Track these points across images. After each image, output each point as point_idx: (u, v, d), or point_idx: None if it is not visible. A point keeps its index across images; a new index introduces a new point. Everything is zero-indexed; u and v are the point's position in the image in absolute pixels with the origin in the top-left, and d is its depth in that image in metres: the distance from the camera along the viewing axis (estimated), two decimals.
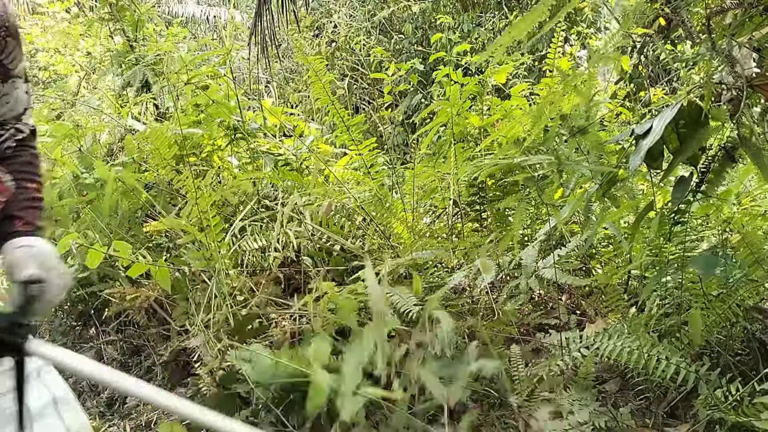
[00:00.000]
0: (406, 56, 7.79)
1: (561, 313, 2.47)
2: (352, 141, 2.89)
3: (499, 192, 2.97)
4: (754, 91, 1.60)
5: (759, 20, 1.69)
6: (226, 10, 10.66)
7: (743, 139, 1.62)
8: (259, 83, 7.99)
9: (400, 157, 6.28)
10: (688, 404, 1.86)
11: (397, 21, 8.45)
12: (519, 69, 4.88)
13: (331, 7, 8.85)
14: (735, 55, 1.65)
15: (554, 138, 2.24)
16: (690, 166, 1.74)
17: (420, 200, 2.96)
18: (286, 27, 3.78)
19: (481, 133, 3.04)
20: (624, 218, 2.66)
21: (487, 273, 2.08)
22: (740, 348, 1.98)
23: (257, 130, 3.24)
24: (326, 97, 2.83)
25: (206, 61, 3.50)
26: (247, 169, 3.25)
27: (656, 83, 5.86)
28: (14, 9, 1.22)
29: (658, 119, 1.63)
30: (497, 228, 2.87)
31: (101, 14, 4.24)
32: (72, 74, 7.68)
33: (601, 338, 1.90)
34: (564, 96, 2.07)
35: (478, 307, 2.54)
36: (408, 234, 2.73)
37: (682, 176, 1.75)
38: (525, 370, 2.00)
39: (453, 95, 2.86)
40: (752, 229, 1.96)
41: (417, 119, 5.95)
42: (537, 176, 2.38)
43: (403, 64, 4.75)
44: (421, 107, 6.79)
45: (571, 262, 2.54)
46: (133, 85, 4.01)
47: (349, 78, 7.84)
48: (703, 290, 1.89)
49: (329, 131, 5.48)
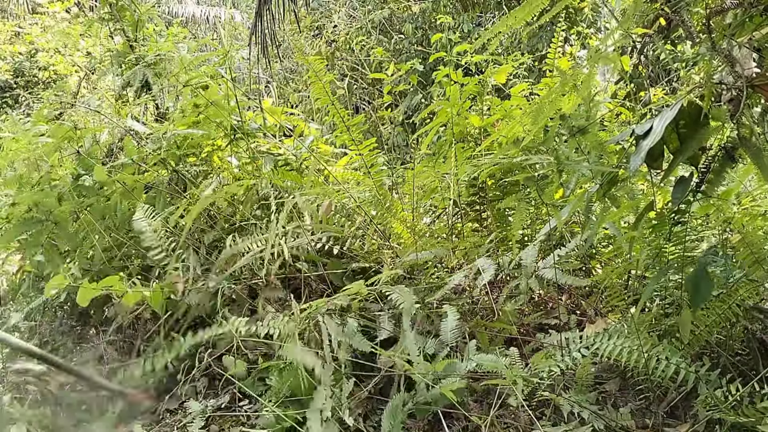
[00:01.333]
0: (406, 56, 7.79)
1: (561, 313, 2.47)
2: (352, 141, 2.89)
3: (499, 192, 2.97)
4: (754, 91, 1.60)
5: (759, 20, 1.69)
6: (226, 10, 10.66)
7: (743, 139, 1.62)
8: (259, 83, 7.99)
9: (400, 157, 6.28)
10: (688, 404, 1.86)
11: (397, 21, 8.44)
12: (519, 69, 4.87)
13: (331, 7, 8.85)
14: (735, 55, 1.65)
15: (554, 138, 2.24)
16: (690, 166, 1.74)
17: (420, 200, 2.96)
18: (286, 27, 3.77)
19: (481, 133, 3.04)
20: (624, 218, 2.66)
21: (487, 273, 2.08)
22: (740, 348, 1.98)
23: (257, 130, 3.24)
24: (326, 97, 2.83)
25: (206, 62, 3.49)
26: (247, 169, 3.24)
27: (656, 83, 5.86)
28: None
29: (658, 119, 1.63)
30: (497, 228, 2.87)
31: (101, 14, 4.23)
32: (72, 74, 7.68)
33: (601, 338, 1.90)
34: (564, 96, 2.07)
35: (478, 307, 2.54)
36: (408, 234, 2.73)
37: (682, 176, 1.75)
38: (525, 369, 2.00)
39: (453, 95, 2.86)
40: (752, 229, 1.95)
41: (417, 119, 5.94)
42: (537, 176, 2.38)
43: (403, 64, 4.75)
44: (421, 107, 6.78)
45: (571, 262, 2.54)
46: (133, 85, 4.01)
47: (349, 78, 7.84)
48: None
49: (329, 131, 5.48)
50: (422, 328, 2.33)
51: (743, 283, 1.83)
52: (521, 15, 1.67)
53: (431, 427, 2.00)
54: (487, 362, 1.93)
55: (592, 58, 1.93)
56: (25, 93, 9.56)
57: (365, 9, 8.47)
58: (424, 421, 2.00)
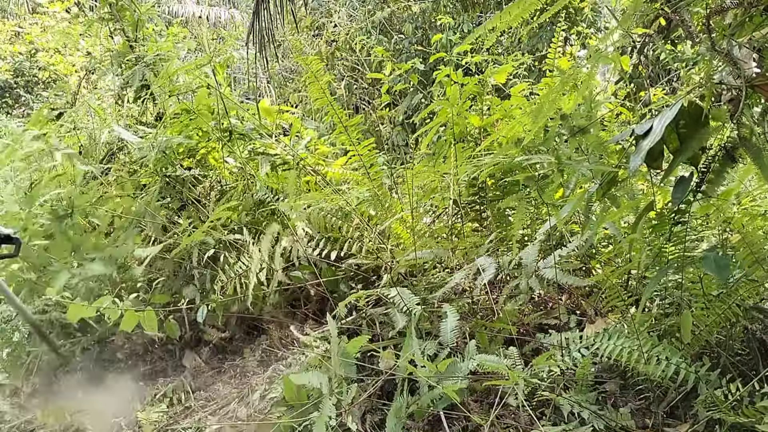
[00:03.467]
0: (406, 56, 7.78)
1: (561, 313, 2.47)
2: (351, 141, 2.89)
3: (499, 192, 2.97)
4: (754, 91, 1.59)
5: (759, 20, 1.68)
6: (226, 10, 10.65)
7: (743, 139, 1.61)
8: (258, 83, 7.99)
9: (400, 157, 6.27)
10: (688, 404, 1.86)
11: (397, 21, 8.43)
12: (519, 69, 4.87)
13: (331, 7, 8.84)
14: (735, 55, 1.65)
15: (554, 138, 2.23)
16: (690, 166, 1.74)
17: (420, 200, 2.96)
18: (284, 26, 3.76)
19: (481, 133, 3.03)
20: (624, 218, 2.66)
21: (488, 272, 2.08)
22: (740, 348, 1.98)
23: (252, 130, 3.24)
24: (324, 97, 2.82)
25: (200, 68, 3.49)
26: (243, 171, 3.24)
27: (656, 83, 5.85)
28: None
29: (658, 119, 1.62)
30: (497, 228, 2.87)
31: (101, 14, 4.22)
32: (72, 74, 7.68)
33: (601, 338, 1.90)
34: (564, 96, 2.07)
35: (478, 307, 2.54)
36: (407, 234, 2.73)
37: (682, 176, 1.74)
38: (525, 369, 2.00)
39: (453, 95, 2.86)
40: (752, 229, 1.95)
41: (417, 119, 5.94)
42: (537, 176, 2.38)
43: (403, 64, 4.75)
44: (421, 107, 6.78)
45: (571, 262, 2.54)
46: (132, 85, 4.00)
47: (349, 78, 7.83)
48: (703, 290, 1.89)
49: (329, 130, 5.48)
50: (422, 328, 2.33)
51: (743, 283, 1.83)
52: (516, 11, 1.67)
53: (432, 427, 2.00)
54: (489, 363, 1.93)
55: (591, 56, 1.93)
56: (25, 93, 9.55)
57: (365, 9, 8.46)
58: (424, 421, 2.00)
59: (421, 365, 1.92)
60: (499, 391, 1.95)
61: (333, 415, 1.88)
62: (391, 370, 2.14)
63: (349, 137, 2.88)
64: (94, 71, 6.01)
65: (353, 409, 2.01)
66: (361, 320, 2.61)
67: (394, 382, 2.14)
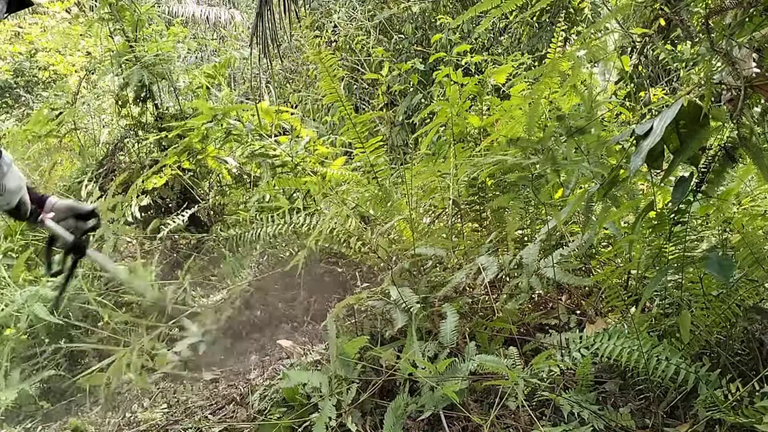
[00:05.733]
0: (406, 56, 7.78)
1: (561, 313, 2.47)
2: (359, 138, 2.86)
3: (498, 192, 2.97)
4: (754, 91, 1.59)
5: (759, 20, 1.68)
6: (226, 10, 10.65)
7: (743, 139, 1.61)
8: (259, 83, 7.98)
9: (400, 157, 6.28)
10: (688, 404, 1.86)
11: (397, 21, 8.44)
12: (519, 69, 4.87)
13: (331, 7, 8.84)
14: (734, 55, 1.65)
15: (551, 137, 2.23)
16: (690, 166, 1.74)
17: (420, 200, 2.96)
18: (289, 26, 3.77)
19: (480, 133, 3.04)
20: (624, 218, 2.66)
21: (489, 271, 2.08)
22: (740, 348, 1.98)
23: (251, 131, 3.24)
24: (335, 93, 2.79)
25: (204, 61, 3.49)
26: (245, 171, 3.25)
27: (656, 83, 5.85)
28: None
29: (658, 119, 1.62)
30: (497, 228, 2.87)
31: (101, 14, 4.23)
32: (72, 74, 7.67)
33: (601, 338, 1.90)
34: (564, 96, 2.07)
35: (478, 307, 2.54)
36: (409, 233, 2.73)
37: (682, 176, 1.74)
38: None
39: (453, 95, 2.86)
40: (752, 229, 1.95)
41: (417, 119, 5.94)
42: (532, 175, 2.38)
43: (403, 64, 4.75)
44: (421, 107, 6.78)
45: (571, 262, 2.54)
46: (131, 85, 4.00)
47: (349, 78, 7.83)
48: (703, 290, 1.89)
49: (329, 131, 5.47)
50: (423, 327, 2.33)
51: (743, 283, 1.83)
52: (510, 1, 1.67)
53: (431, 427, 2.00)
54: (489, 363, 1.93)
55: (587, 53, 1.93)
56: (25, 93, 9.55)
57: (365, 9, 8.47)
58: (423, 421, 2.00)
59: (421, 366, 1.92)
60: (499, 391, 1.95)
61: (333, 415, 1.88)
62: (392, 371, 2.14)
63: (358, 134, 2.86)
64: (94, 71, 6.01)
65: (353, 410, 2.01)
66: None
67: (395, 381, 2.14)
